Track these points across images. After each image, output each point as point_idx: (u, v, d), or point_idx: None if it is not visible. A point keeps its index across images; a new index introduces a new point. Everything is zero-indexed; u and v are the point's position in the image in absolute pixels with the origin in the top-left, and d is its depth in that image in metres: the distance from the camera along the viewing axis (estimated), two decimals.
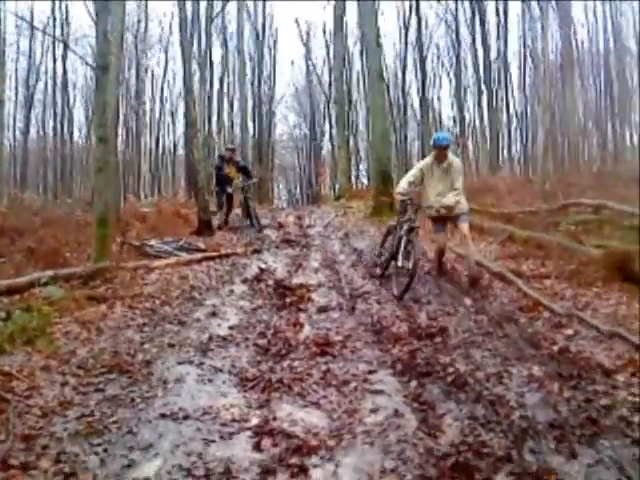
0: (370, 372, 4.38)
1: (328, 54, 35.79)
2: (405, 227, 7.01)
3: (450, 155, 7.27)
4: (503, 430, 3.31)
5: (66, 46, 30.10)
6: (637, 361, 4.16)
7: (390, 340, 5.13)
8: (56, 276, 6.71)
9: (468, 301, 6.40)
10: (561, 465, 2.92)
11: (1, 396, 3.70)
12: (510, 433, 3.27)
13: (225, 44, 34.68)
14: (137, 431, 3.38)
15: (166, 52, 36.61)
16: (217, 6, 28.29)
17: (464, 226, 7.17)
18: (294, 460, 3.04)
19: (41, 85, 33.97)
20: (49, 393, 3.92)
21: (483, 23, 30.18)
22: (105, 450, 3.15)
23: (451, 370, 4.27)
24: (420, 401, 3.82)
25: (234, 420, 3.56)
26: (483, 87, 30.26)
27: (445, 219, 7.32)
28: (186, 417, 3.58)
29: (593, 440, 3.12)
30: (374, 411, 3.67)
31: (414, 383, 4.13)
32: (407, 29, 33.96)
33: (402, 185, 7.30)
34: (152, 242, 10.12)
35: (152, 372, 4.38)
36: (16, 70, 33.53)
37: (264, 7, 36.36)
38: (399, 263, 6.88)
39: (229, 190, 13.22)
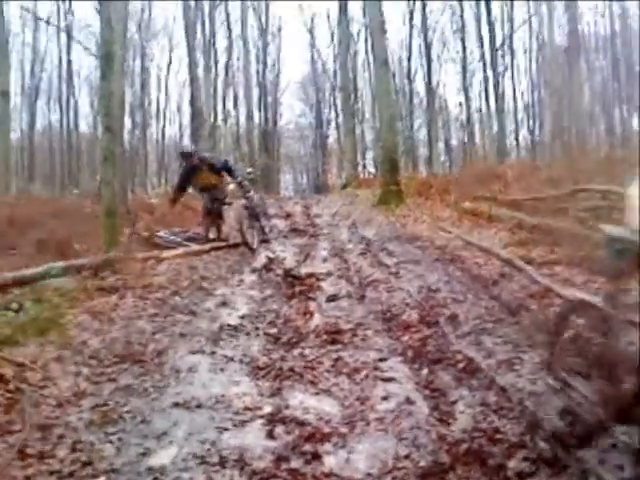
0: (381, 360, 4.37)
1: (333, 41, 35.58)
2: None
3: None
4: (516, 417, 3.31)
5: (70, 36, 29.99)
6: None
7: (400, 328, 5.13)
8: (67, 267, 6.75)
9: None
10: (575, 450, 2.91)
11: (16, 386, 3.73)
12: (523, 419, 3.27)
13: (229, 32, 34.47)
14: (151, 420, 3.41)
15: (170, 40, 36.41)
16: None
17: None
18: (307, 447, 3.05)
19: (45, 76, 33.89)
20: (63, 383, 3.95)
21: (488, 7, 29.88)
22: (120, 439, 3.17)
23: (462, 357, 4.27)
24: (431, 388, 3.82)
25: (247, 408, 3.57)
26: (489, 72, 29.97)
27: None
28: (199, 406, 3.60)
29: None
30: (385, 398, 3.67)
31: (425, 370, 4.12)
32: (412, 15, 33.71)
33: None
34: (161, 233, 10.18)
35: (164, 362, 4.41)
36: (21, 61, 33.46)
37: None
38: None
39: (215, 203, 10.08)
